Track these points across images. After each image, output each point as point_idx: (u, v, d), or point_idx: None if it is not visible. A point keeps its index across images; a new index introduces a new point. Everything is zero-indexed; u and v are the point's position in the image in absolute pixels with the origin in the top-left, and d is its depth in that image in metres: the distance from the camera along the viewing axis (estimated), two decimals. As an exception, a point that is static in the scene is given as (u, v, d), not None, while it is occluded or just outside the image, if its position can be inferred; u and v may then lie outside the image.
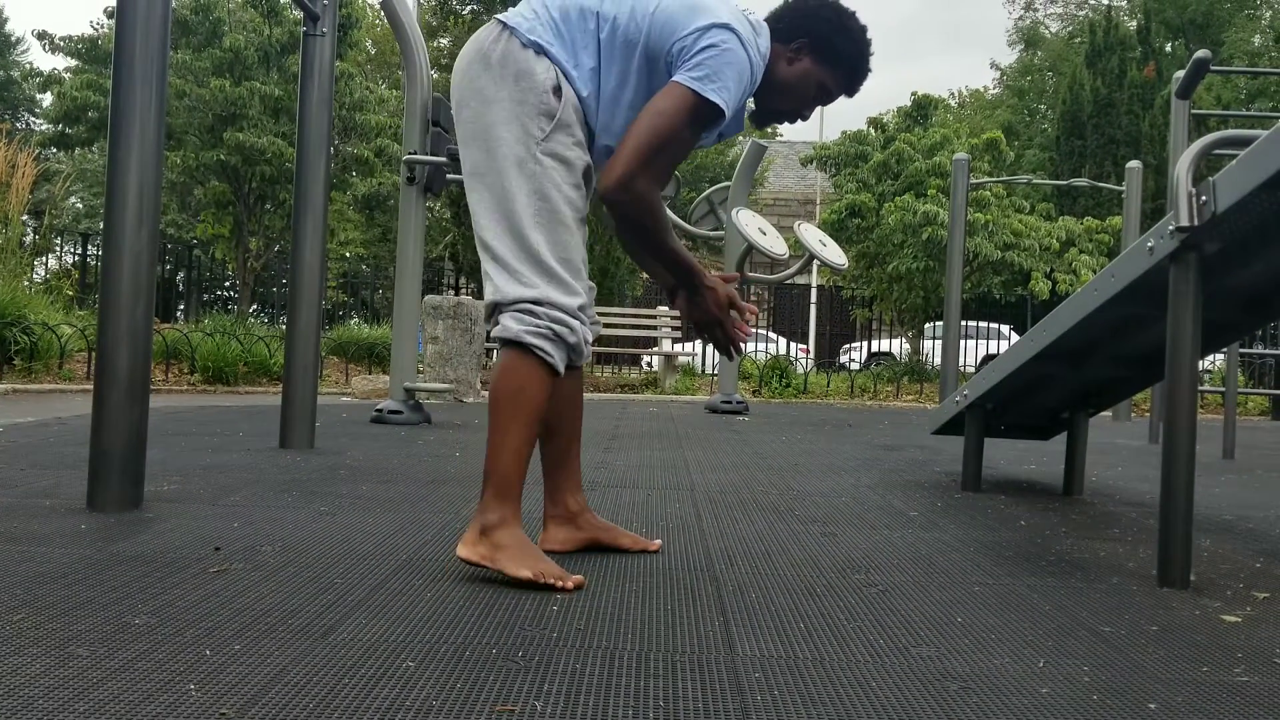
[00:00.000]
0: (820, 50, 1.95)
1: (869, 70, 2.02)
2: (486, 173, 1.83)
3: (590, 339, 1.84)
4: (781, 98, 1.97)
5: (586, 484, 2.96)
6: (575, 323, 1.78)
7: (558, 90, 1.81)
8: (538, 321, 1.75)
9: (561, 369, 1.78)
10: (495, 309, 1.80)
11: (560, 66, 1.83)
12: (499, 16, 1.88)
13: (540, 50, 1.82)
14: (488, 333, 1.87)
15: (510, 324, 1.76)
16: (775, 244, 5.65)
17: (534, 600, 1.61)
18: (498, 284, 1.80)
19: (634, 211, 1.77)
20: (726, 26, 1.78)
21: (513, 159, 1.80)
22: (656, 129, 1.75)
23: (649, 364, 12.20)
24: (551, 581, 1.67)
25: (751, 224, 5.61)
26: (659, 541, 2.06)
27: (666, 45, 1.79)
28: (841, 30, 1.95)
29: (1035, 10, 32.97)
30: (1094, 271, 11.44)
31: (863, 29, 1.99)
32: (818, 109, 2.08)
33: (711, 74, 1.75)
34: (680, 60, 1.78)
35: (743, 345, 1.95)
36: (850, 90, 2.03)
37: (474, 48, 1.87)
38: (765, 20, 1.95)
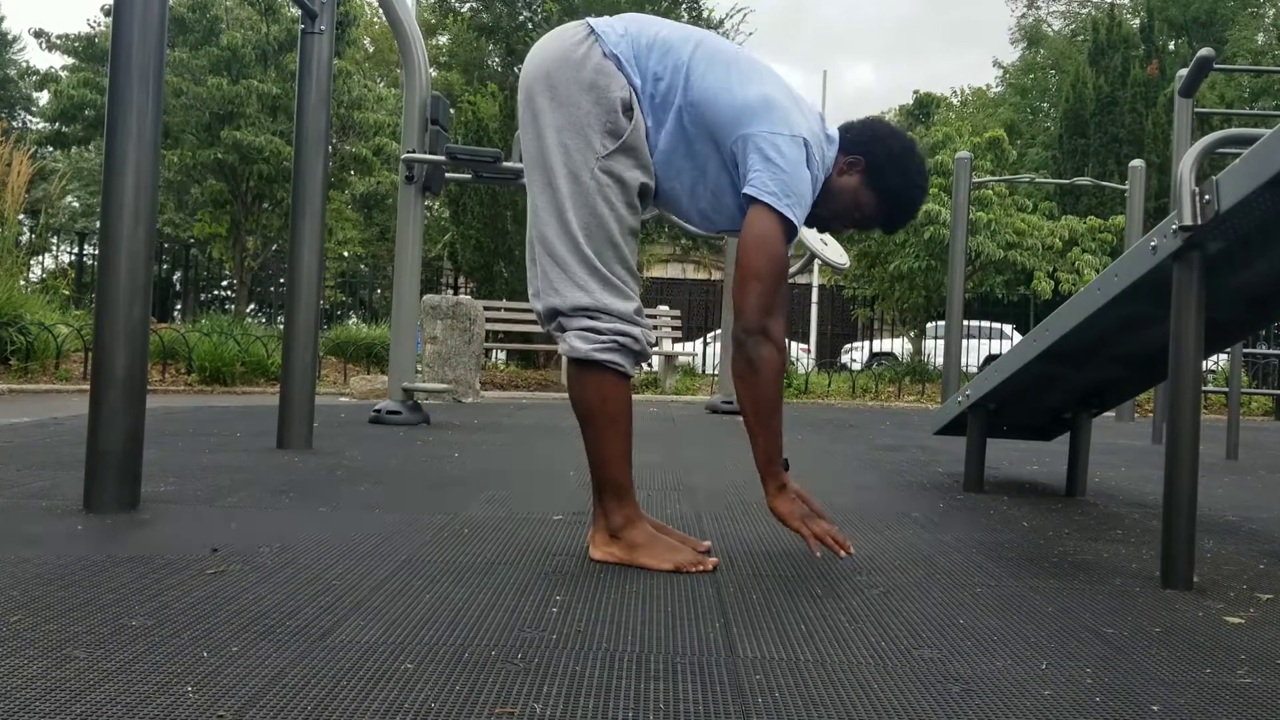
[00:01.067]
0: (871, 173, 1.97)
1: (911, 213, 2.04)
2: (545, 170, 1.84)
3: (652, 340, 1.89)
4: (821, 201, 1.97)
5: (586, 485, 2.95)
6: (636, 330, 1.83)
7: (629, 110, 1.83)
8: (602, 338, 1.80)
9: (633, 373, 1.86)
10: (555, 315, 1.85)
11: (634, 89, 1.84)
12: (589, 20, 1.89)
13: (620, 65, 1.84)
14: (546, 331, 1.92)
15: (578, 344, 1.81)
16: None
17: (534, 602, 1.60)
18: (556, 286, 1.83)
19: (765, 351, 1.78)
20: (803, 142, 1.81)
21: (570, 169, 1.82)
22: (769, 264, 1.78)
23: (649, 364, 12.19)
24: (693, 569, 1.81)
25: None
26: (709, 544, 2.04)
27: (737, 132, 1.81)
28: (897, 163, 1.97)
29: (1038, 8, 32.99)
30: (1097, 271, 11.44)
31: (919, 171, 2.00)
32: (849, 225, 2.06)
33: (789, 191, 1.79)
34: (750, 160, 1.80)
35: (840, 548, 1.87)
36: (888, 224, 2.03)
37: (556, 43, 1.87)
38: (839, 127, 1.97)
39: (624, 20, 1.90)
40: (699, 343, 13.26)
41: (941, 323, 9.66)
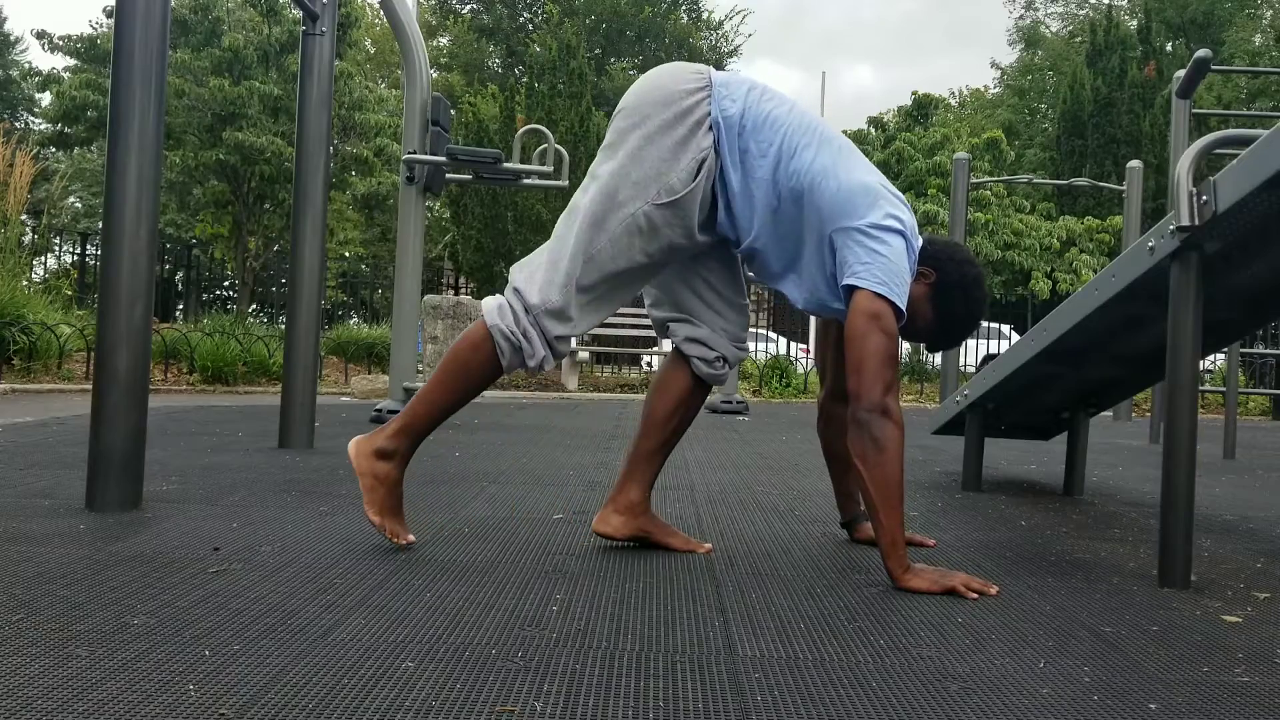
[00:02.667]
0: (939, 290, 1.99)
1: (959, 340, 2.07)
2: (600, 183, 1.89)
3: (543, 366, 1.92)
4: None
5: (586, 484, 2.96)
6: (541, 352, 1.88)
7: (695, 172, 1.86)
8: (514, 327, 1.87)
9: (505, 369, 1.91)
10: (512, 286, 1.93)
11: (720, 154, 1.88)
12: (714, 73, 1.93)
13: (715, 129, 1.87)
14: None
15: (494, 315, 1.89)
16: None
17: (534, 600, 1.61)
18: (533, 273, 1.91)
19: (888, 430, 1.77)
20: (901, 233, 1.85)
21: (616, 194, 1.86)
22: (884, 341, 1.79)
23: (649, 364, 12.19)
24: (387, 533, 1.92)
25: None
26: (709, 545, 2.08)
27: (839, 223, 1.83)
28: (966, 290, 2.00)
29: (1035, 10, 32.99)
30: (1094, 271, 11.44)
31: (981, 303, 2.04)
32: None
33: (895, 279, 1.81)
34: (854, 251, 1.81)
35: (987, 588, 1.81)
36: (935, 342, 2.05)
37: (670, 80, 1.91)
38: (924, 238, 2.00)
39: (746, 86, 1.94)
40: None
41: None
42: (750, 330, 1.96)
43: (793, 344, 14.32)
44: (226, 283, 21.66)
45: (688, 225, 1.89)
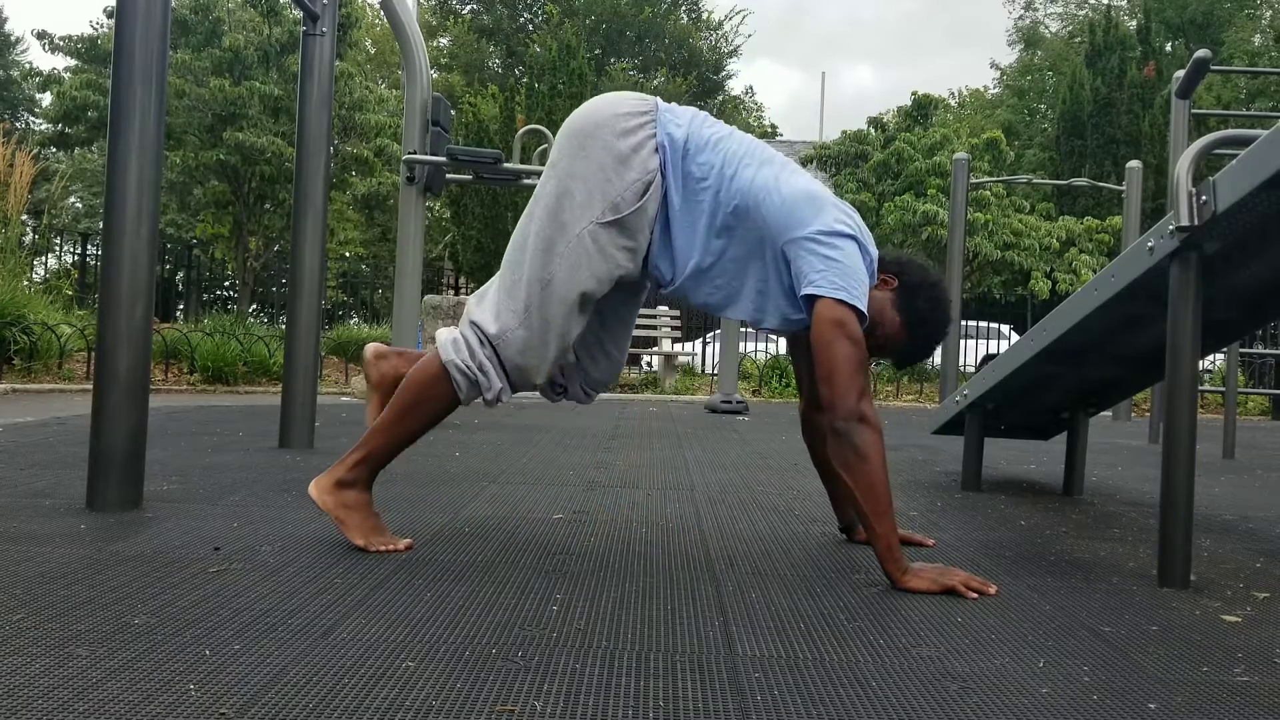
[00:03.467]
0: (903, 293, 1.97)
1: (931, 346, 2.05)
2: (544, 206, 1.90)
3: (502, 399, 1.94)
4: None
5: (586, 484, 2.97)
6: (496, 385, 1.90)
7: (642, 193, 1.86)
8: (469, 362, 1.88)
9: (464, 401, 1.92)
10: (467, 317, 1.94)
11: (665, 177, 1.88)
12: (659, 103, 1.94)
13: (661, 150, 1.88)
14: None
15: (449, 350, 1.90)
16: None
17: (534, 600, 1.61)
18: (484, 302, 1.93)
19: (868, 436, 1.76)
20: (853, 237, 1.85)
21: (563, 218, 1.87)
22: (851, 349, 1.78)
23: (649, 364, 12.19)
24: (380, 549, 1.90)
25: None
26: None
27: (788, 235, 1.83)
28: (929, 290, 1.98)
29: (1035, 10, 32.99)
30: (1094, 271, 11.44)
31: (947, 305, 2.02)
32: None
33: (852, 283, 1.80)
34: (809, 261, 1.81)
35: (986, 588, 1.81)
36: (906, 351, 2.03)
37: (613, 107, 1.91)
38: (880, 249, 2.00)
39: (690, 112, 1.96)
40: (698, 343, 13.26)
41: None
42: (748, 330, 1.95)
43: (793, 344, 14.30)
44: (227, 283, 21.66)
45: (634, 248, 1.89)
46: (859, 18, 67.73)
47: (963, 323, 7.74)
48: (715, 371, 10.45)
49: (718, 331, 9.93)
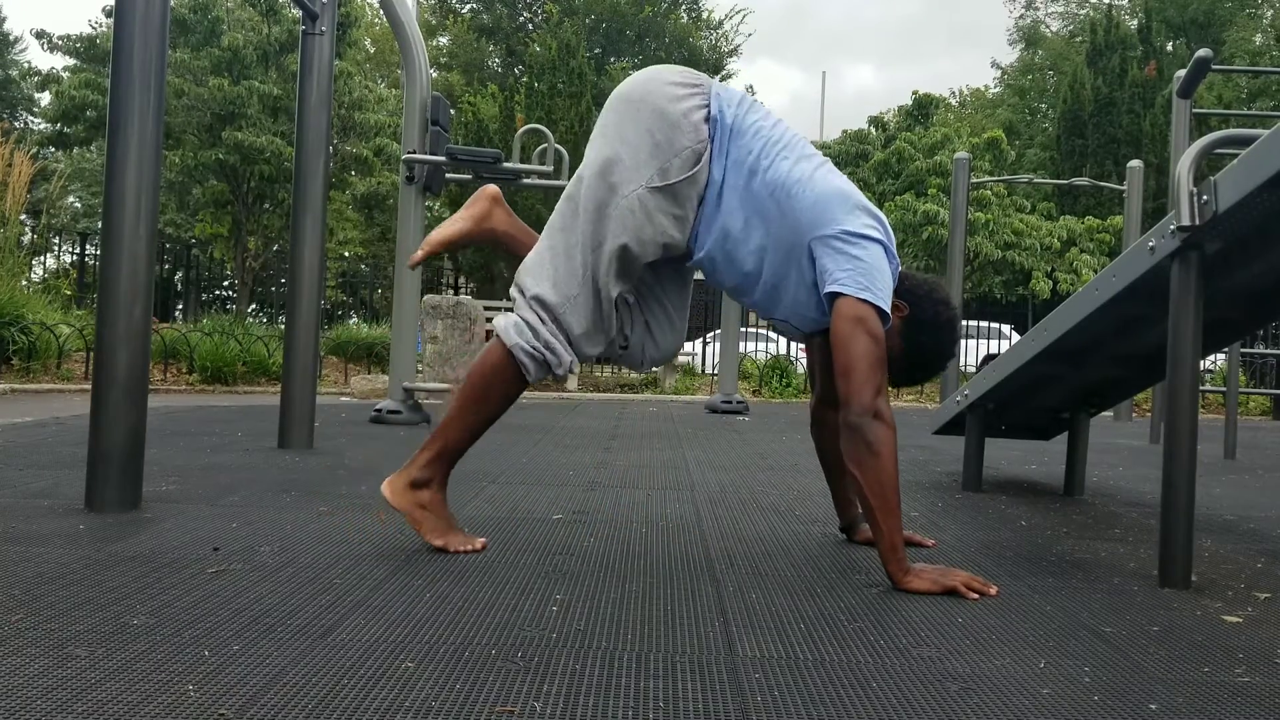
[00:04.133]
0: (911, 324, 1.98)
1: (925, 378, 2.06)
2: (593, 168, 1.90)
3: (574, 369, 1.97)
4: None
5: (586, 484, 2.96)
6: (567, 356, 1.90)
7: (694, 163, 1.86)
8: (535, 342, 1.88)
9: (533, 381, 1.92)
10: (520, 289, 1.93)
11: (712, 152, 1.88)
12: (714, 84, 1.95)
13: (712, 124, 1.88)
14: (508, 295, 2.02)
15: (512, 334, 1.89)
16: None
17: (534, 601, 1.60)
18: (534, 268, 1.92)
19: (881, 433, 1.75)
20: (880, 242, 1.85)
21: (610, 180, 1.87)
22: (872, 344, 1.77)
23: (649, 363, 12.16)
24: (461, 549, 1.92)
25: None
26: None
27: (817, 231, 1.83)
28: (939, 329, 1.99)
29: (1036, 9, 32.99)
30: (1095, 271, 11.44)
31: (952, 344, 2.03)
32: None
33: (876, 283, 1.81)
34: (835, 260, 1.81)
35: (987, 588, 1.80)
36: (899, 376, 2.02)
37: (669, 76, 1.91)
38: (901, 272, 2.00)
39: (738, 94, 1.96)
40: (698, 342, 13.26)
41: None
42: (749, 330, 1.95)
43: (792, 344, 14.32)
44: (226, 283, 21.66)
45: (683, 216, 1.88)
46: (860, 17, 67.76)
47: (964, 322, 7.73)
48: (715, 371, 10.45)
49: (717, 331, 9.93)
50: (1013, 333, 15.40)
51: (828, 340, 1.86)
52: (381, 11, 4.96)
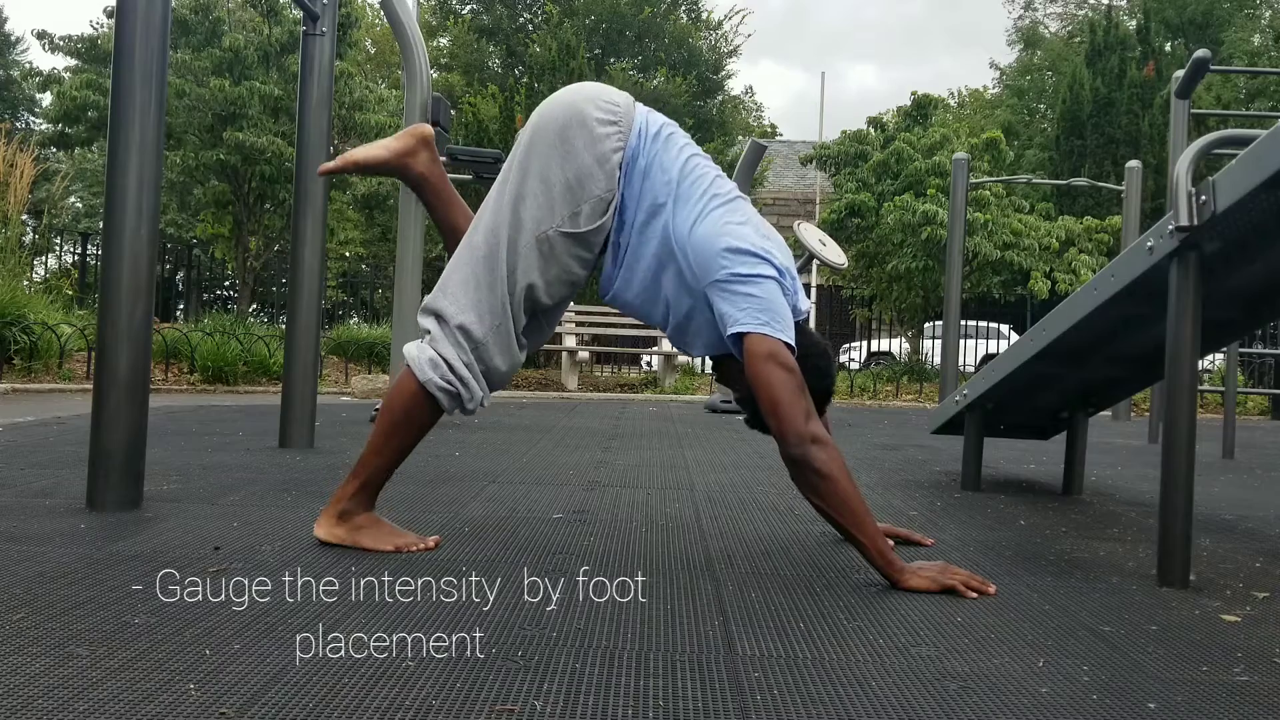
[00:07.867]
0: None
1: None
2: (507, 197, 1.90)
3: (484, 403, 1.97)
4: None
5: (586, 484, 2.97)
6: (479, 393, 1.92)
7: (602, 212, 1.88)
8: (450, 376, 1.88)
9: (447, 412, 1.93)
10: (438, 316, 1.92)
11: (621, 198, 1.89)
12: (633, 111, 1.93)
13: (626, 171, 1.89)
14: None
15: (427, 370, 1.89)
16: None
17: (533, 600, 1.61)
18: (455, 291, 1.91)
19: (825, 454, 1.75)
20: (770, 278, 1.84)
21: (521, 215, 1.88)
22: (787, 376, 1.77)
23: (649, 363, 12.19)
24: (414, 548, 1.92)
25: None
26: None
27: (708, 278, 1.83)
28: (815, 361, 1.96)
29: (1035, 10, 32.98)
30: (1093, 271, 11.44)
31: (830, 376, 2.03)
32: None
33: (772, 317, 1.81)
34: (732, 301, 1.81)
35: (986, 587, 1.80)
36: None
37: (591, 106, 1.90)
38: None
39: (653, 132, 1.93)
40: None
41: (939, 323, 9.66)
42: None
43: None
44: (227, 282, 21.66)
45: (589, 259, 1.92)
46: (860, 18, 67.80)
47: (963, 323, 7.74)
48: (714, 371, 10.43)
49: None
50: (1012, 333, 15.41)
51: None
52: (382, 12, 4.96)
